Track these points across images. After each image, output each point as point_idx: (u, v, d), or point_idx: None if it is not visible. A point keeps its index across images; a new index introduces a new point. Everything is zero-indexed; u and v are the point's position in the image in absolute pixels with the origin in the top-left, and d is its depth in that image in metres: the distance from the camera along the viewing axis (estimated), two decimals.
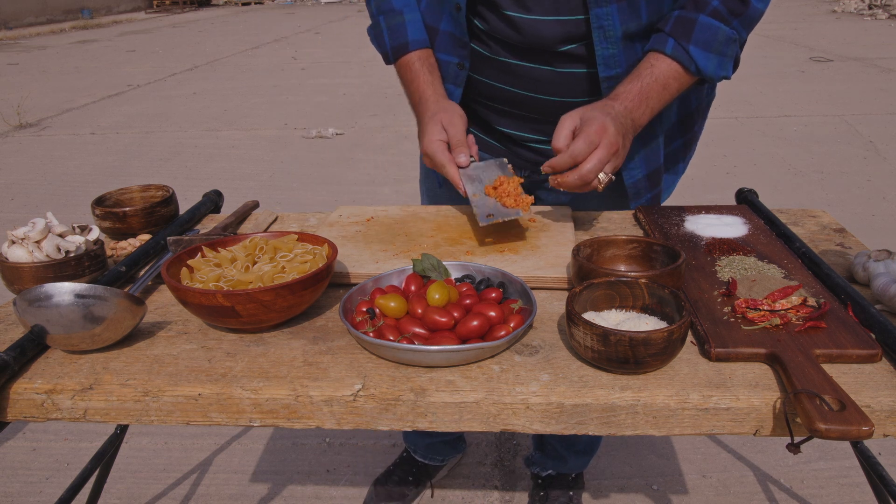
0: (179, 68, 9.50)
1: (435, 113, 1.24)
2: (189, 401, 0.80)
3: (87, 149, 5.64)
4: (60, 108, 7.19)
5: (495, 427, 0.79)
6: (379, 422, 0.80)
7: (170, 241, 1.09)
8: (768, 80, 7.50)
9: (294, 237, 1.05)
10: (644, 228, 1.25)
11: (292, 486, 2.04)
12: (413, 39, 1.31)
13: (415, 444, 1.98)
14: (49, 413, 0.82)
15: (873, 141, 5.18)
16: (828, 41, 10.17)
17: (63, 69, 9.84)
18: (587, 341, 0.79)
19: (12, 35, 14.48)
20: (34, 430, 2.30)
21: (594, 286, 0.88)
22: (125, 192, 1.35)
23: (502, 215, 1.13)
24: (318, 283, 0.93)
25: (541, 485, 1.91)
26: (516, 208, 1.14)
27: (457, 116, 1.23)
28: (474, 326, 0.84)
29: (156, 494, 2.01)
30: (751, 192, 1.37)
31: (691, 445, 2.15)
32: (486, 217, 1.13)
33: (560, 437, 1.83)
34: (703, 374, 0.80)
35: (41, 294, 0.83)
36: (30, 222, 1.05)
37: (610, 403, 0.77)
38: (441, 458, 2.00)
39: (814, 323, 0.86)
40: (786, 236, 1.15)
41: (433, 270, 0.98)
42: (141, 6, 21.28)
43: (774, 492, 1.96)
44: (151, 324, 0.96)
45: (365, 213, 1.33)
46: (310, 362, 0.85)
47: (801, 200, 4.08)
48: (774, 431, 0.76)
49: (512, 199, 1.15)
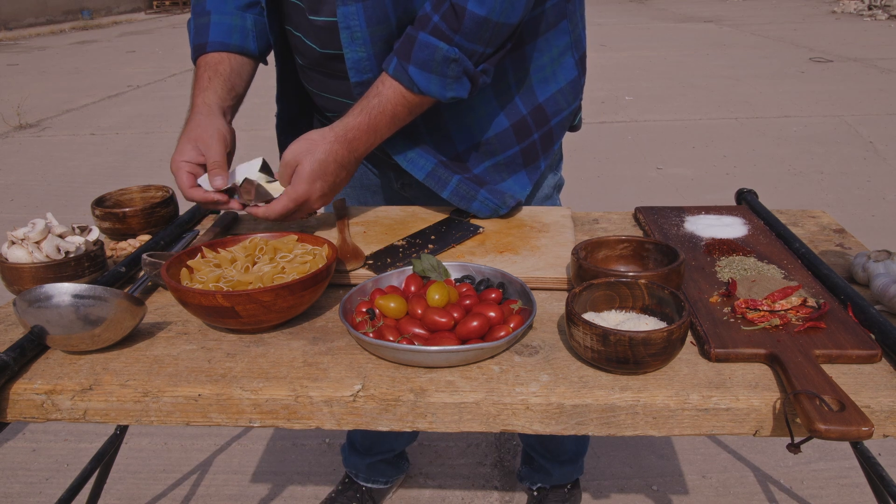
0: (179, 69, 9.49)
1: (192, 129, 1.17)
2: (189, 401, 0.80)
3: (87, 149, 5.65)
4: (60, 109, 7.19)
5: (495, 427, 0.79)
6: (379, 422, 0.80)
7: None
8: (768, 81, 7.51)
9: (294, 238, 1.05)
10: (644, 229, 1.25)
11: (292, 486, 2.04)
12: (212, 41, 1.24)
13: (355, 467, 1.90)
14: (49, 414, 0.82)
15: (873, 141, 5.18)
16: (828, 42, 10.17)
17: (63, 70, 9.84)
18: (587, 341, 0.79)
19: (12, 35, 14.49)
20: (34, 430, 2.30)
21: (594, 287, 0.88)
22: (125, 193, 1.35)
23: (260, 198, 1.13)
24: (318, 284, 0.93)
25: (536, 497, 1.88)
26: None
27: (216, 137, 1.15)
28: (474, 327, 0.84)
29: (156, 495, 2.01)
30: (750, 192, 1.37)
31: (691, 446, 2.15)
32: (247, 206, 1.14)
33: (543, 451, 1.80)
34: (703, 375, 0.80)
35: (41, 295, 0.83)
36: (29, 223, 1.05)
37: (610, 404, 0.77)
38: (385, 479, 1.93)
39: (813, 323, 0.86)
40: (785, 237, 1.15)
41: (433, 271, 0.98)
42: (141, 7, 21.28)
43: (774, 492, 1.96)
44: (151, 324, 0.96)
45: (365, 214, 1.33)
46: (310, 363, 0.85)
47: (800, 201, 4.08)
48: (774, 432, 0.76)
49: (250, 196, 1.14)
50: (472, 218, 1.27)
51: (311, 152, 1.09)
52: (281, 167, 1.12)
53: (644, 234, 1.24)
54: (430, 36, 1.06)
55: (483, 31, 1.06)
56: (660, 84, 7.58)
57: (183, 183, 1.15)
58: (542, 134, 1.31)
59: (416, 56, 1.07)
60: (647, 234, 1.21)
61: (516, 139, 1.28)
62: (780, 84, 7.32)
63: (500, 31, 1.08)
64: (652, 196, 4.23)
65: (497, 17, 1.06)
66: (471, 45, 1.07)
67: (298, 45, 1.25)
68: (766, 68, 8.22)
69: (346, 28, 1.11)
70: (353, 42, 1.12)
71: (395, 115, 1.12)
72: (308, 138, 1.11)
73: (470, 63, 1.09)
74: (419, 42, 1.07)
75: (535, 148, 1.31)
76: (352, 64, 1.15)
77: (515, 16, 1.08)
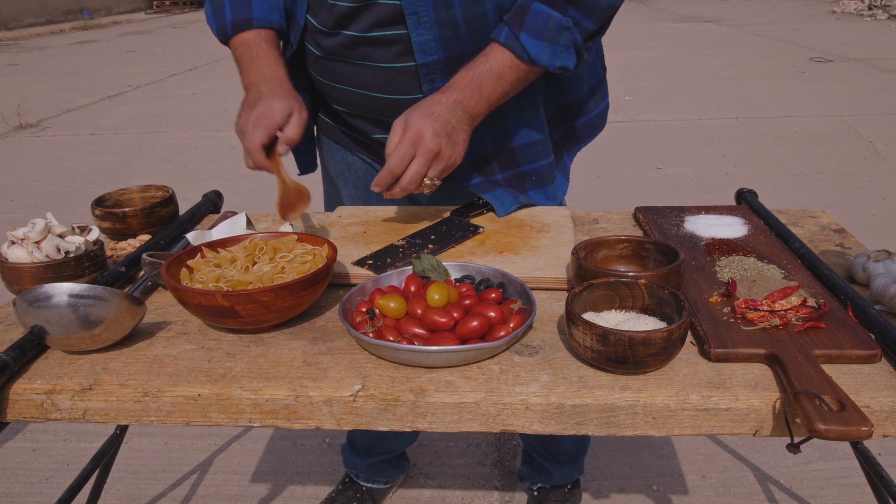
0: (179, 69, 9.50)
1: (290, 98, 1.14)
2: (189, 401, 0.80)
3: (87, 149, 5.65)
4: (60, 109, 7.19)
5: (495, 427, 0.79)
6: (379, 422, 0.80)
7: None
8: (768, 81, 7.51)
9: (294, 237, 1.05)
10: (644, 229, 1.25)
11: (292, 486, 2.04)
12: (258, 17, 1.22)
13: (355, 467, 1.89)
14: (49, 413, 0.82)
15: (873, 141, 5.18)
16: (828, 42, 10.17)
17: (63, 70, 9.84)
18: (587, 341, 0.79)
19: (12, 35, 14.49)
20: (34, 430, 2.30)
21: (594, 287, 0.88)
22: (125, 193, 1.35)
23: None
24: (318, 284, 0.93)
25: (536, 497, 1.88)
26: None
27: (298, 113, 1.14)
28: (474, 327, 0.84)
29: (156, 495, 2.01)
30: (750, 192, 1.37)
31: (691, 446, 2.15)
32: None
33: (543, 451, 1.80)
34: (703, 375, 0.80)
35: (41, 294, 0.83)
36: (29, 223, 1.05)
37: (610, 404, 0.77)
38: (385, 479, 1.93)
39: (813, 323, 0.86)
40: (785, 237, 1.15)
41: (433, 271, 0.98)
42: (141, 7, 21.28)
43: (774, 492, 1.96)
44: (151, 324, 0.96)
45: (365, 214, 1.33)
46: (309, 363, 0.85)
47: (800, 201, 4.08)
48: (774, 432, 0.76)
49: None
50: (473, 218, 1.28)
51: (415, 107, 1.10)
52: (392, 131, 1.10)
53: (644, 234, 1.24)
54: (544, 5, 1.09)
55: (595, 8, 1.11)
56: (660, 84, 7.58)
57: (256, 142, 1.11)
58: (565, 132, 1.38)
59: (529, 23, 1.09)
60: (647, 234, 1.21)
61: (548, 150, 1.32)
62: (780, 84, 7.32)
63: (607, 11, 1.13)
64: (652, 196, 4.23)
65: (612, 2, 1.11)
66: (583, 19, 1.11)
67: (316, 34, 1.25)
68: (766, 68, 8.22)
69: (413, 14, 1.13)
70: (420, 25, 1.14)
71: (501, 75, 1.12)
72: (415, 107, 1.11)
73: (580, 36, 1.12)
74: (533, 10, 1.09)
75: (560, 151, 1.38)
76: (418, 46, 1.16)
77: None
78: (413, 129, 1.07)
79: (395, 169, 1.08)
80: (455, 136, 1.09)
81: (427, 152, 1.07)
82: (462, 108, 1.10)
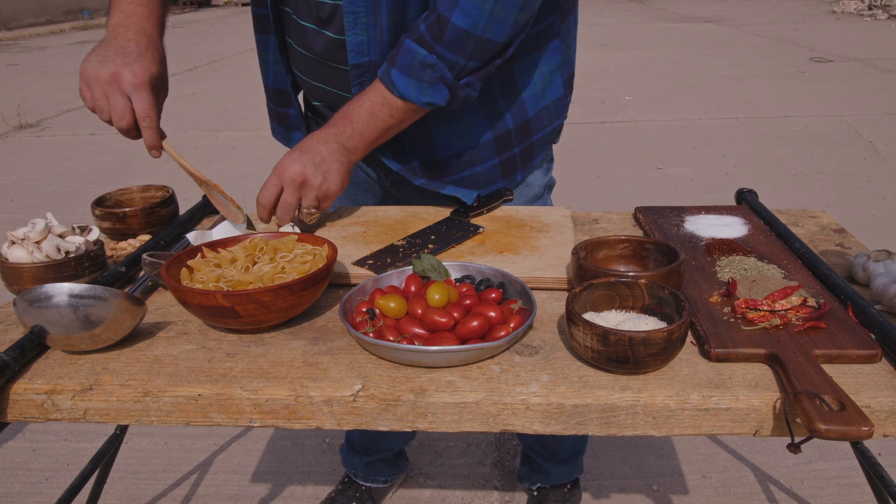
0: (179, 69, 9.49)
1: (140, 55, 1.11)
2: (189, 401, 0.80)
3: (87, 149, 5.65)
4: (60, 109, 7.19)
5: (495, 427, 0.79)
6: (379, 422, 0.80)
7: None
8: (768, 81, 7.51)
9: (294, 237, 1.05)
10: (644, 229, 1.25)
11: (292, 486, 2.04)
12: None
13: (354, 466, 1.90)
14: (49, 413, 0.82)
15: (873, 141, 5.18)
16: (828, 42, 10.17)
17: (63, 70, 9.84)
18: (587, 341, 0.79)
19: (12, 35, 14.48)
20: (34, 430, 2.30)
21: (594, 287, 0.88)
22: (125, 193, 1.35)
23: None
24: (318, 284, 0.93)
25: (536, 497, 1.88)
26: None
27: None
28: (474, 327, 0.84)
29: (156, 495, 2.01)
30: (750, 192, 1.37)
31: (691, 446, 2.15)
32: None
33: (541, 450, 1.80)
34: (703, 375, 0.80)
35: (41, 294, 0.83)
36: (30, 223, 1.05)
37: (610, 404, 0.77)
38: (384, 478, 1.93)
39: (813, 323, 0.86)
40: (785, 237, 1.15)
41: (433, 271, 0.98)
42: None
43: (774, 492, 1.96)
44: (151, 324, 0.96)
45: (365, 214, 1.33)
46: (310, 363, 0.85)
47: (800, 201, 4.08)
48: (774, 432, 0.76)
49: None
50: (473, 218, 1.28)
51: (299, 147, 1.16)
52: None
53: (644, 234, 1.24)
54: (414, 42, 1.10)
55: (465, 44, 1.08)
56: (660, 84, 7.58)
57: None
58: (523, 148, 1.34)
59: (399, 60, 1.11)
60: (647, 234, 1.21)
61: (496, 151, 1.31)
62: (780, 84, 7.32)
63: (485, 46, 1.09)
64: (652, 196, 4.23)
65: (481, 33, 1.07)
66: (451, 55, 1.09)
67: (295, 33, 1.26)
68: (766, 68, 8.22)
69: (351, 13, 1.14)
70: (356, 26, 1.16)
71: (372, 112, 1.15)
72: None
73: (448, 72, 1.10)
74: (404, 47, 1.11)
75: (515, 161, 1.34)
76: (352, 46, 1.18)
77: (502, 34, 1.09)
78: (279, 163, 1.14)
79: (263, 200, 1.14)
80: (326, 166, 1.14)
81: (291, 182, 1.12)
82: (336, 140, 1.15)
